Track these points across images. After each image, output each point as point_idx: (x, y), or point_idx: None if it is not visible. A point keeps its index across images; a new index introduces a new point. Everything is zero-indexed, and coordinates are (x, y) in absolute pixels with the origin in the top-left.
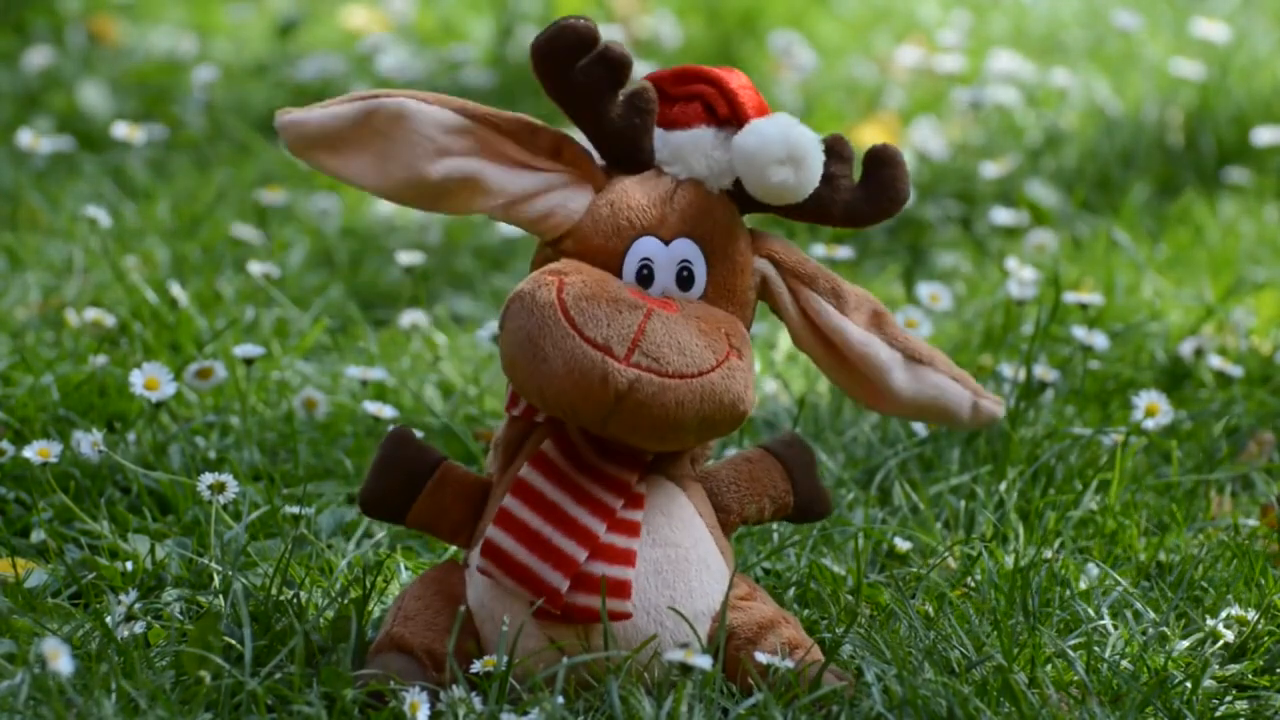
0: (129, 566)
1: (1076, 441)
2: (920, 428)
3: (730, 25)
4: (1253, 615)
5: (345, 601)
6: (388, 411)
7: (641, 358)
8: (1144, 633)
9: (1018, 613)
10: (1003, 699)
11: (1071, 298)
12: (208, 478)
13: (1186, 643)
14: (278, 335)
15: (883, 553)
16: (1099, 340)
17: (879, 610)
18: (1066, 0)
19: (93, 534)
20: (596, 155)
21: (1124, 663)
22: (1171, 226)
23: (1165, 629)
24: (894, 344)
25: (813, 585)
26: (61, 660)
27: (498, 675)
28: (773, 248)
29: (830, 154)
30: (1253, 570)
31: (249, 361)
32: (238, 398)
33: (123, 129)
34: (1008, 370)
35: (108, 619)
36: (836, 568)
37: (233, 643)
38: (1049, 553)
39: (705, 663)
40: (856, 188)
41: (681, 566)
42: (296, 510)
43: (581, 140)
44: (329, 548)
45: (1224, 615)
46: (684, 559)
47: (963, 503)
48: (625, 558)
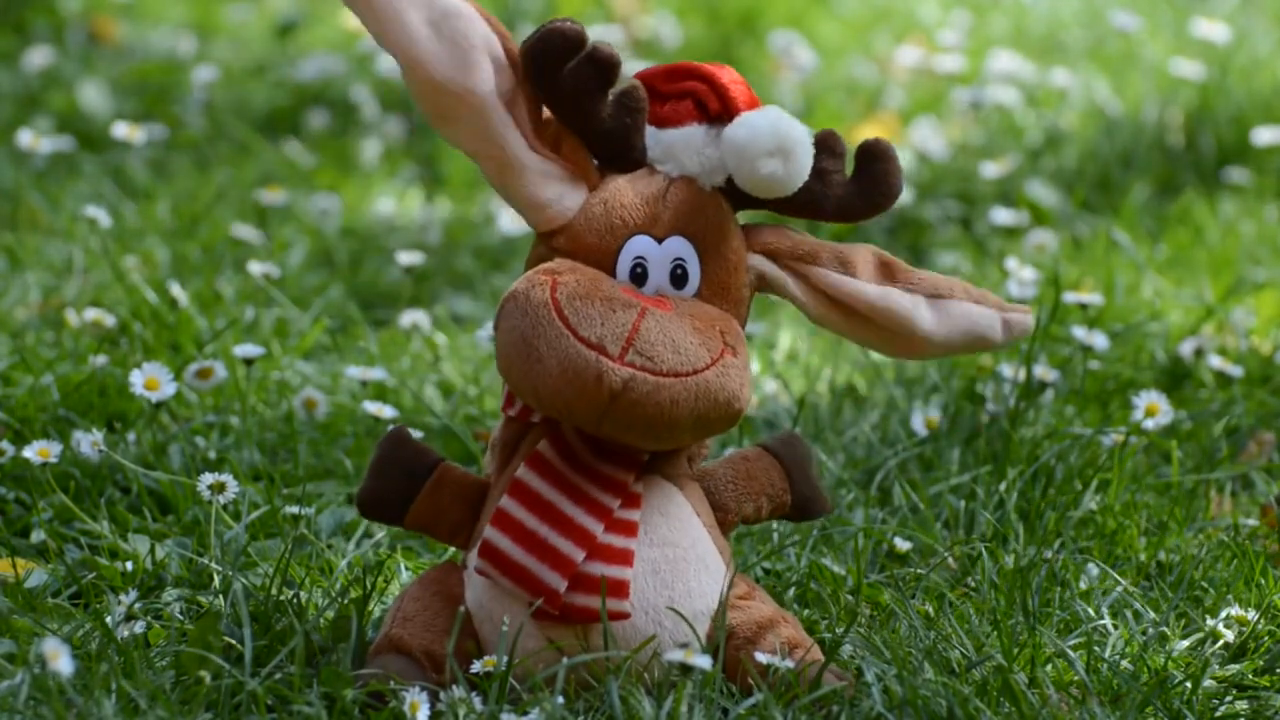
0: (129, 566)
1: (1076, 441)
2: (919, 427)
3: (730, 25)
4: (1253, 615)
5: (345, 602)
6: (388, 411)
7: (636, 356)
8: (1144, 633)
9: (1018, 613)
10: (1003, 699)
11: (1071, 298)
12: (208, 478)
13: (1186, 643)
14: (278, 335)
15: (883, 553)
16: (1099, 340)
17: (879, 610)
18: (1066, 0)
19: (93, 534)
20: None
21: (1124, 663)
22: (1171, 226)
23: (1165, 629)
24: (910, 288)
25: (813, 585)
26: (61, 660)
27: (498, 675)
28: (767, 240)
29: (822, 149)
30: (1253, 570)
31: (249, 361)
32: (238, 398)
33: (123, 129)
34: (1008, 370)
35: (108, 619)
36: (836, 568)
37: (233, 643)
38: (1049, 553)
39: (705, 663)
40: (849, 182)
41: (680, 566)
42: (296, 510)
43: None
44: (329, 548)
45: (1224, 615)
46: (682, 559)
47: (963, 503)
48: (623, 558)
